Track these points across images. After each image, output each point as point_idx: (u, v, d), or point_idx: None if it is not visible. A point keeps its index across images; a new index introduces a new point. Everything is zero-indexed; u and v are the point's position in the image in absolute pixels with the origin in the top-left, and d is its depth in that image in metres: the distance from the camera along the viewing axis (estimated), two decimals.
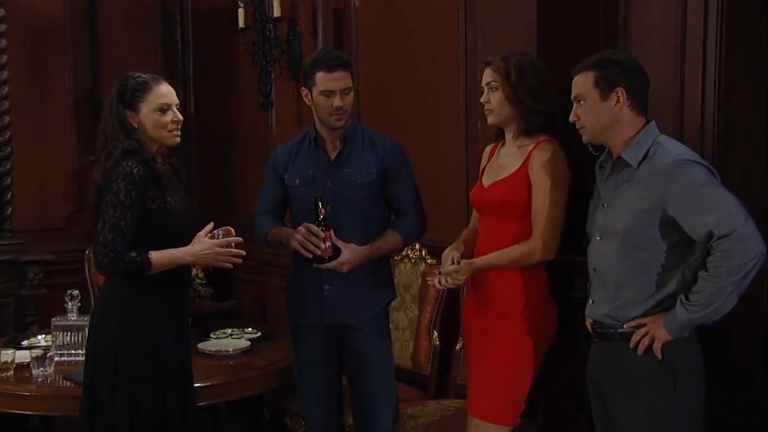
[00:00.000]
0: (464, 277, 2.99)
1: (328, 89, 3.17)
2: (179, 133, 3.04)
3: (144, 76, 3.04)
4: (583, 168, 2.93)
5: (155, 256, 2.91)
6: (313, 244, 3.10)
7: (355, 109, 3.44)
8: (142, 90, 2.99)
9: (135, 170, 2.90)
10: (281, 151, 3.40)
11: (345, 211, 3.20)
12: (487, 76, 2.98)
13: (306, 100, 3.27)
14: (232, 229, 3.05)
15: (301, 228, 3.13)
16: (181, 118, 3.05)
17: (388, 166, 3.25)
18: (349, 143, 3.26)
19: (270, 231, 3.32)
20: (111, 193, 2.90)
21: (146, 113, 2.98)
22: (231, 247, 3.01)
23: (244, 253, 3.04)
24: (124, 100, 2.99)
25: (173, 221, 2.99)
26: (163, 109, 3.00)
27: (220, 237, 3.00)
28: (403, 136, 3.62)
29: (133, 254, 2.88)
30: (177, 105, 3.05)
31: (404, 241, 3.34)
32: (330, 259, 3.13)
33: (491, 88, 2.97)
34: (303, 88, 3.28)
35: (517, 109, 2.94)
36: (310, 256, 3.12)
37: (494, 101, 2.97)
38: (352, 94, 3.22)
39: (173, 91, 3.06)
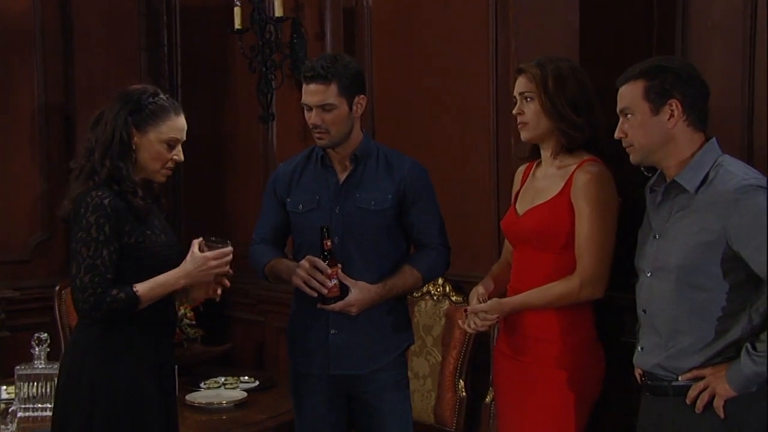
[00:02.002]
0: (495, 317, 2.99)
1: (304, 103, 3.20)
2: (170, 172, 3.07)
3: (164, 98, 3.03)
4: (634, 191, 2.93)
5: (141, 288, 2.90)
6: (318, 282, 3.10)
7: (367, 123, 3.45)
8: (161, 115, 3.00)
9: (106, 201, 2.89)
10: (283, 170, 3.41)
11: (355, 243, 3.20)
12: (521, 85, 3.00)
13: None
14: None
15: (304, 262, 3.13)
16: (183, 158, 3.06)
17: (407, 191, 3.24)
18: (362, 163, 3.26)
19: (268, 263, 3.32)
20: (81, 230, 2.89)
21: (151, 140, 2.99)
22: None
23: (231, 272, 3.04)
24: (137, 117, 2.98)
25: (155, 257, 2.99)
26: (171, 144, 3.02)
27: None
28: (424, 154, 3.64)
29: (115, 292, 2.88)
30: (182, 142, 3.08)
31: (424, 278, 3.32)
32: (336, 300, 3.13)
33: (525, 99, 2.98)
34: None
35: (556, 123, 2.95)
36: (315, 294, 3.12)
37: (529, 113, 2.98)
38: (337, 110, 3.15)
39: (186, 127, 3.07)
